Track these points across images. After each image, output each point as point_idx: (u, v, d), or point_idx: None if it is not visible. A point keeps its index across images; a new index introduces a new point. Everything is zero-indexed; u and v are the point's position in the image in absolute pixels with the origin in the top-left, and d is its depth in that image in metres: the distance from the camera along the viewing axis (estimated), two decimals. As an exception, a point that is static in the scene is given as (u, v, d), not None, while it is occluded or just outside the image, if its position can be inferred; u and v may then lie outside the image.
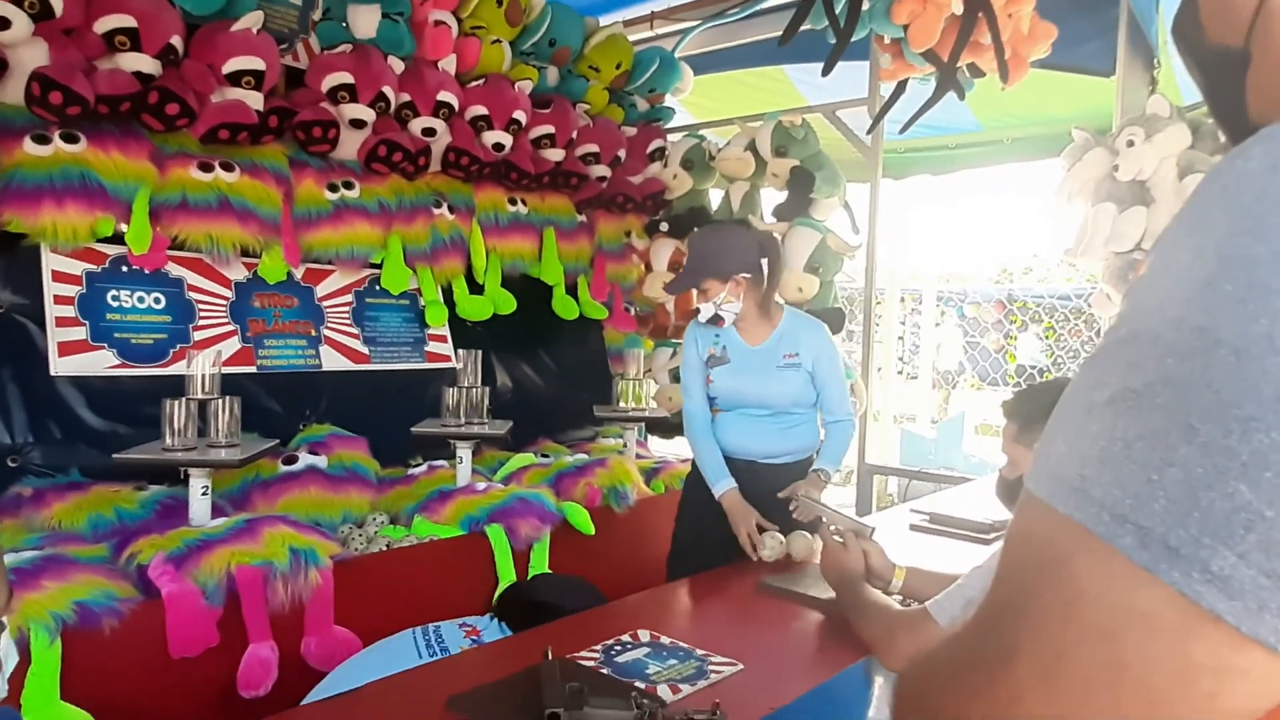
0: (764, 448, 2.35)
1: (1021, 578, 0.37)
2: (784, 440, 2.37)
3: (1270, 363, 0.31)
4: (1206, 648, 0.32)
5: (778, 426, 2.36)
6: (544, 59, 3.71)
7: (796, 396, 2.34)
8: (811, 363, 2.34)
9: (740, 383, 2.36)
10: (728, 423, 2.40)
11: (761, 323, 2.37)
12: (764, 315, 2.38)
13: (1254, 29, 0.44)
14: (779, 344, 2.35)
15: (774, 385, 2.33)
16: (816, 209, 3.69)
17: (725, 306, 2.31)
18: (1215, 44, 0.47)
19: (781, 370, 2.33)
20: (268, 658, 2.08)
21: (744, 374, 2.35)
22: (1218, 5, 0.47)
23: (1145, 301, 0.36)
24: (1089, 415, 0.36)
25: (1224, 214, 0.35)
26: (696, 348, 2.43)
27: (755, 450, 2.36)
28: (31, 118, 2.42)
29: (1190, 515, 0.32)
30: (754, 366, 2.35)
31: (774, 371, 2.33)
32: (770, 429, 2.36)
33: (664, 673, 1.46)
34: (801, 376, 2.34)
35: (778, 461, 2.36)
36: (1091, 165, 2.88)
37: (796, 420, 2.38)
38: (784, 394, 2.34)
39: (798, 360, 2.33)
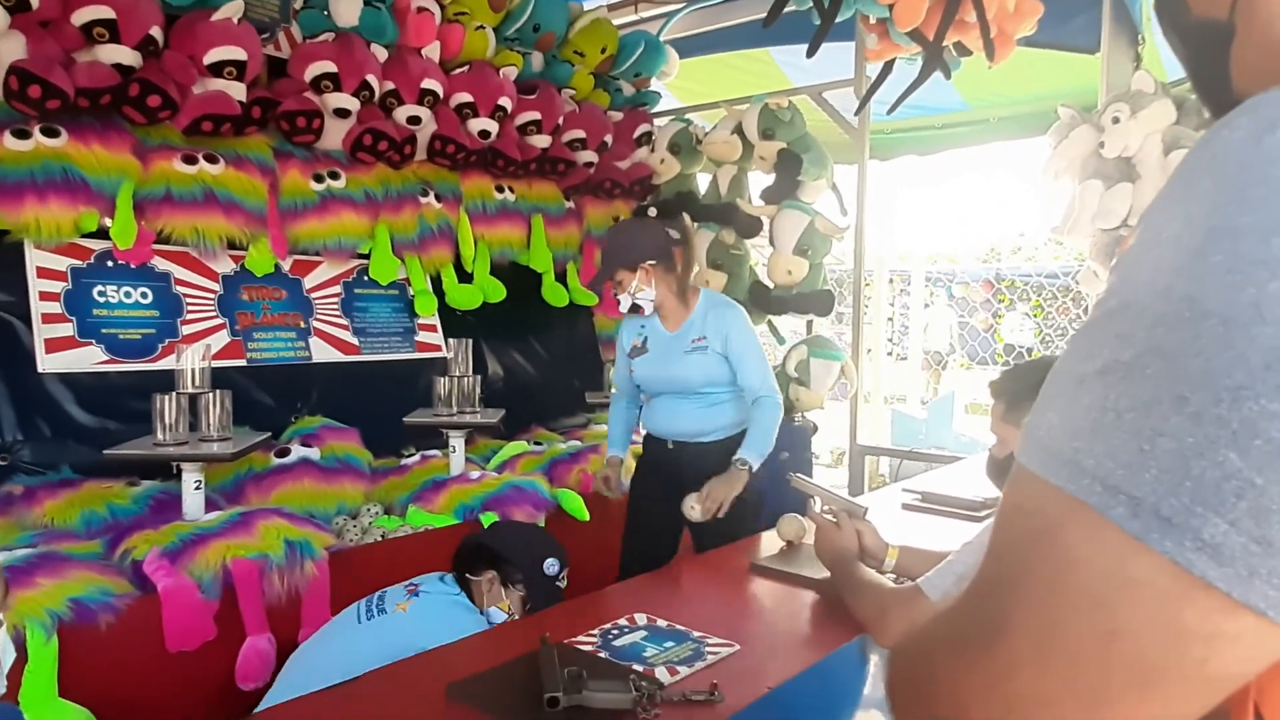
0: (688, 428, 2.45)
1: (1014, 550, 0.38)
2: (706, 420, 2.45)
3: (1257, 331, 0.31)
4: (1198, 614, 0.32)
5: (697, 406, 2.45)
6: (528, 45, 3.68)
7: (708, 377, 2.42)
8: (722, 344, 2.40)
9: (655, 370, 2.48)
10: (655, 407, 2.53)
11: (679, 309, 2.46)
12: (681, 301, 2.46)
13: (1238, 2, 0.44)
14: (690, 329, 2.45)
15: (682, 369, 2.42)
16: (804, 191, 3.69)
17: (639, 295, 2.41)
18: (1199, 17, 0.47)
19: (689, 354, 2.42)
20: (265, 649, 2.08)
21: (658, 361, 2.47)
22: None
23: (1134, 273, 0.37)
24: (1080, 387, 0.36)
25: (1210, 185, 0.35)
26: (627, 341, 2.57)
27: (681, 430, 2.47)
28: (11, 112, 2.39)
29: (1182, 484, 0.32)
30: (667, 353, 2.46)
31: (682, 356, 2.42)
32: (691, 409, 2.45)
33: (661, 655, 1.47)
34: (710, 358, 2.41)
35: (705, 440, 2.44)
36: (1077, 143, 2.89)
37: (715, 400, 2.45)
38: (693, 376, 2.42)
39: (705, 344, 2.41)
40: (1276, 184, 0.33)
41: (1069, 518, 0.35)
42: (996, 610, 0.37)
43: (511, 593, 1.93)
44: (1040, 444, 0.37)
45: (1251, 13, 0.44)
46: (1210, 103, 0.48)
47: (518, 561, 1.94)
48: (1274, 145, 0.33)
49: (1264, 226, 0.32)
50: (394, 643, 1.66)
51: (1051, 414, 0.37)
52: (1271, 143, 0.33)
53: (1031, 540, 0.37)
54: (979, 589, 0.39)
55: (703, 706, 1.29)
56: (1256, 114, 0.35)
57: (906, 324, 9.07)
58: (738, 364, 2.41)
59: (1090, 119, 2.91)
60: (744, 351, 2.41)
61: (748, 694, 1.33)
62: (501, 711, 1.26)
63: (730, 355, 2.41)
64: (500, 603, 1.91)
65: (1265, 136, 0.34)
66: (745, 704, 1.31)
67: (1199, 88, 0.49)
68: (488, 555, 1.95)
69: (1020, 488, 0.38)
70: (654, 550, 2.50)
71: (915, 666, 0.43)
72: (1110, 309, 0.37)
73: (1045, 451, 0.36)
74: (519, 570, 1.94)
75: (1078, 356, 0.37)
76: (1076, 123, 2.92)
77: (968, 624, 0.39)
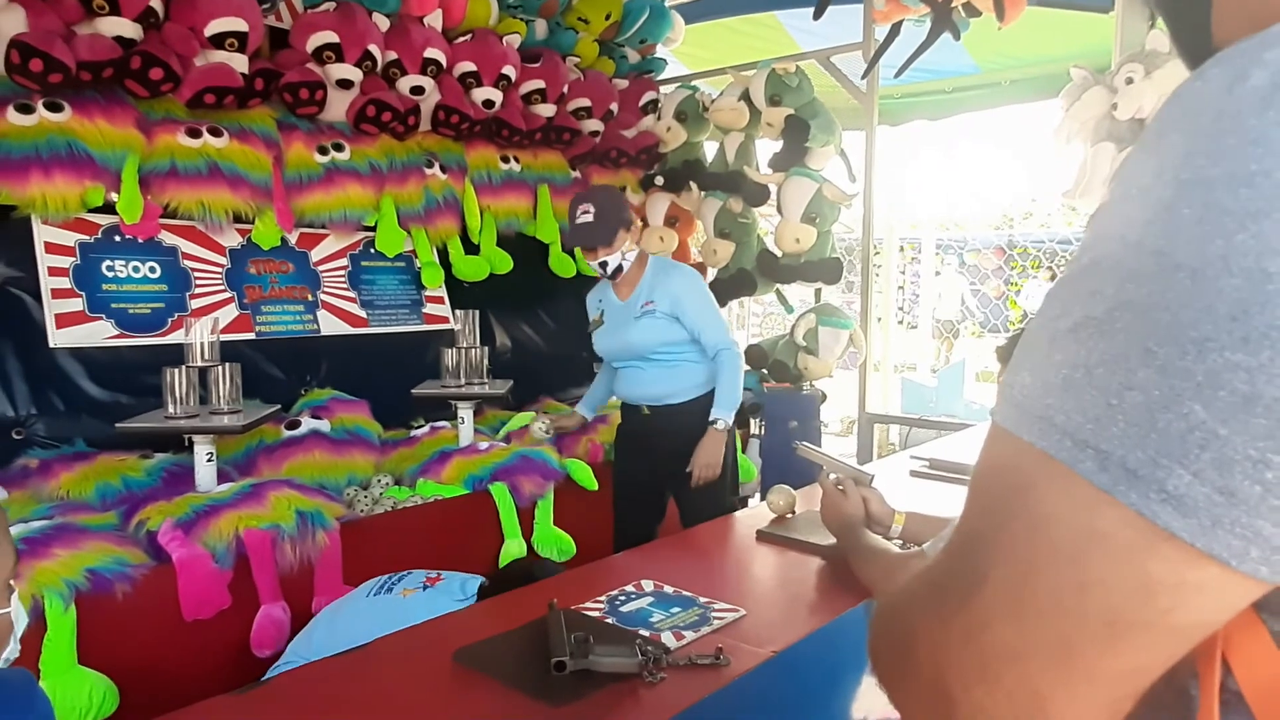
0: (652, 391, 2.50)
1: (989, 506, 0.38)
2: (668, 383, 2.49)
3: (1225, 283, 0.31)
4: (1163, 565, 0.33)
5: (657, 370, 2.50)
6: (531, 11, 3.64)
7: (660, 339, 2.46)
8: (670, 305, 2.43)
9: (611, 340, 2.55)
10: (622, 376, 2.61)
11: (633, 276, 2.51)
12: (638, 268, 2.51)
13: None
14: (640, 295, 2.49)
15: (634, 334, 2.47)
16: (812, 158, 3.65)
17: (628, 255, 2.46)
18: None
19: (639, 320, 2.46)
20: (280, 617, 2.12)
21: (613, 331, 2.53)
22: None
23: (1106, 228, 0.36)
24: (1052, 344, 0.36)
25: (1181, 137, 0.35)
26: (590, 314, 2.66)
27: (646, 395, 2.52)
28: (13, 86, 2.38)
29: (1148, 437, 0.32)
30: (620, 320, 2.51)
31: (632, 322, 2.47)
32: (652, 374, 2.50)
33: (668, 620, 1.48)
34: (660, 321, 2.45)
35: (672, 402, 2.49)
36: (1090, 104, 2.83)
37: (673, 362, 2.49)
38: (645, 340, 2.46)
39: (653, 307, 2.44)
40: (1247, 135, 0.32)
41: (1041, 473, 0.35)
42: (972, 565, 0.38)
43: None
44: (1014, 402, 0.37)
45: None
46: (1189, 55, 0.47)
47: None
48: (1245, 95, 0.33)
49: (1234, 177, 0.32)
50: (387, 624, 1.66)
51: (1025, 372, 0.37)
52: (1242, 92, 0.33)
53: (1005, 496, 0.37)
54: (955, 545, 0.40)
55: (708, 670, 1.30)
56: (1227, 65, 0.34)
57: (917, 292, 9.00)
58: (691, 323, 2.44)
59: (1103, 80, 2.85)
60: (695, 310, 2.44)
61: (753, 658, 1.34)
62: (509, 676, 1.27)
63: (682, 316, 2.44)
64: None
65: (1236, 86, 0.33)
66: (751, 667, 1.32)
67: (1178, 42, 0.48)
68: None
69: (995, 445, 0.38)
70: (643, 516, 2.58)
71: (894, 623, 0.43)
72: (1083, 265, 0.37)
73: (1018, 409, 0.37)
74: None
75: (1052, 314, 0.37)
76: (1089, 84, 2.86)
77: (945, 579, 0.40)
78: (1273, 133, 0.32)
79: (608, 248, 2.42)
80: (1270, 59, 0.33)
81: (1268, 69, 0.33)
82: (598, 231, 2.41)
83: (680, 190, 3.98)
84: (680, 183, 3.98)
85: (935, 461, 2.54)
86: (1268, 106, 0.32)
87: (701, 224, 4.00)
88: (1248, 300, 0.31)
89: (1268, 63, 0.33)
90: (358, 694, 1.27)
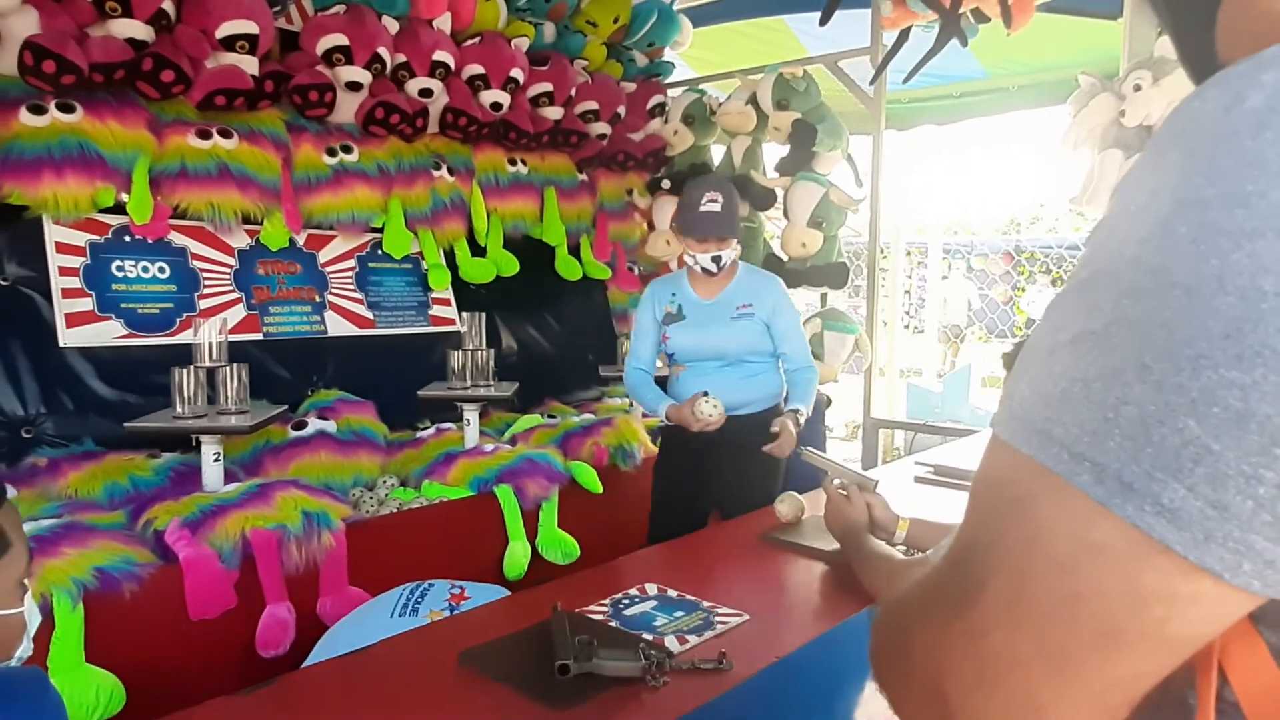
0: (728, 399, 2.35)
1: (987, 516, 0.39)
2: (745, 390, 2.41)
3: (1220, 302, 0.32)
4: (1158, 577, 0.33)
5: (737, 376, 2.41)
6: (540, 15, 3.65)
7: (752, 345, 2.40)
8: (769, 314, 2.39)
9: (696, 336, 2.43)
10: (690, 379, 2.44)
11: (722, 277, 2.44)
12: (730, 270, 2.46)
13: None
14: (734, 296, 2.42)
15: (729, 335, 2.39)
16: (819, 162, 3.65)
17: (725, 254, 2.38)
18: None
19: (736, 320, 2.39)
20: (285, 618, 2.13)
21: (699, 327, 2.42)
22: None
23: (1105, 243, 0.37)
24: (1051, 357, 0.37)
25: (1179, 156, 0.35)
26: (653, 310, 2.51)
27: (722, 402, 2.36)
28: (26, 88, 2.40)
29: (1143, 451, 0.33)
30: (709, 318, 2.42)
31: (728, 322, 2.39)
32: (730, 380, 2.40)
33: (671, 624, 1.48)
34: (757, 326, 2.39)
35: (743, 413, 2.39)
36: (1098, 111, 2.83)
37: (755, 370, 2.43)
38: (740, 343, 2.40)
39: (752, 310, 2.39)
40: (1243, 155, 0.33)
41: (1038, 485, 0.36)
42: (971, 574, 0.38)
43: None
44: (1013, 413, 0.38)
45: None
46: (1193, 70, 0.48)
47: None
48: (1241, 117, 0.33)
49: (1230, 197, 0.32)
50: None
51: (1024, 384, 0.38)
52: (1239, 114, 0.33)
53: (1004, 507, 0.38)
54: (955, 554, 0.41)
55: (711, 675, 1.30)
56: (1226, 85, 0.35)
57: (923, 296, 8.99)
58: (783, 335, 2.40)
59: (1111, 87, 2.85)
60: (788, 321, 2.41)
61: (756, 663, 1.35)
62: (513, 679, 1.28)
63: (774, 325, 2.39)
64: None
65: (1233, 108, 0.34)
66: (754, 673, 1.32)
67: (1181, 54, 0.49)
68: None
69: (994, 456, 0.39)
70: (681, 529, 2.36)
71: (894, 630, 0.44)
72: (1082, 280, 0.37)
73: (1017, 420, 0.37)
74: None
75: (1051, 327, 0.38)
76: (1097, 91, 2.86)
77: (944, 588, 0.40)
78: (1268, 154, 0.32)
79: (722, 243, 2.34)
80: (1267, 81, 0.33)
81: (1264, 91, 0.33)
82: (727, 221, 2.33)
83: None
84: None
85: (940, 468, 2.53)
86: (1263, 128, 0.32)
87: (708, 228, 4.00)
88: (1242, 318, 0.31)
89: (1264, 85, 0.33)
90: (363, 695, 1.28)
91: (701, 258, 2.36)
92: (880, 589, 1.52)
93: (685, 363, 2.47)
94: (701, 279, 2.44)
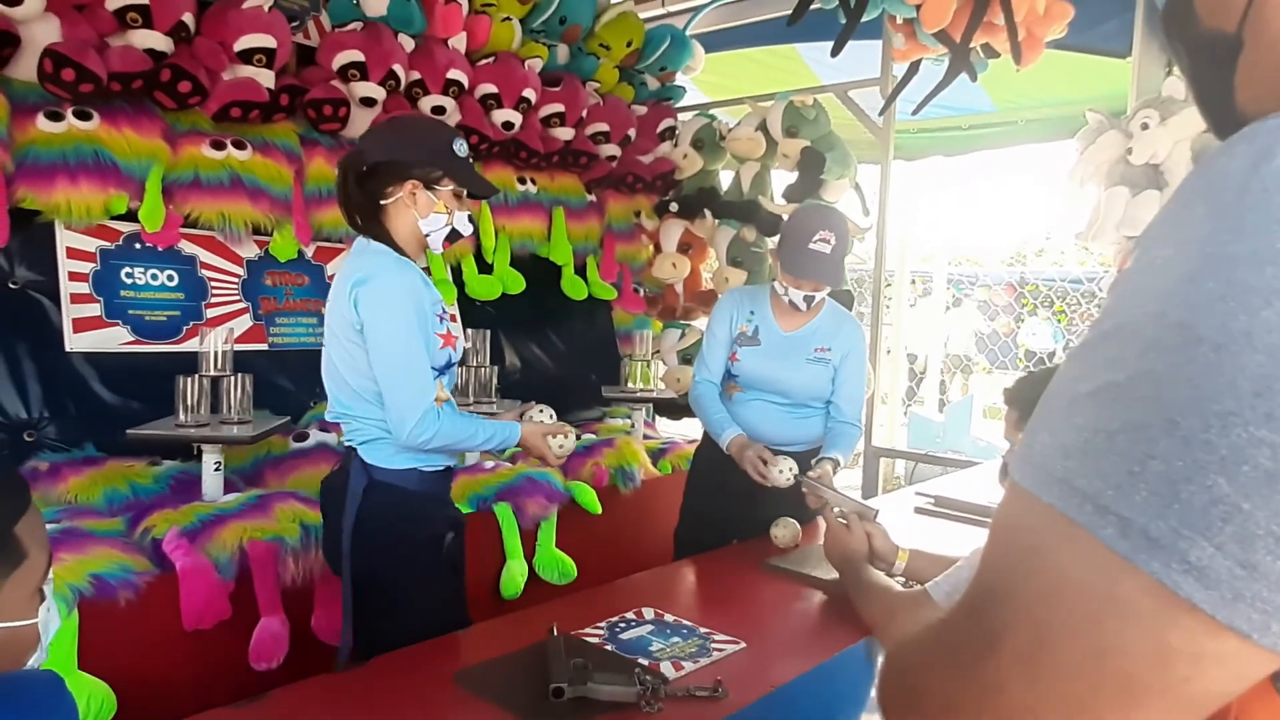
0: (776, 435, 2.29)
1: (1006, 565, 0.38)
2: (795, 430, 2.32)
3: (1248, 359, 0.32)
4: (1183, 635, 0.33)
5: (792, 416, 2.32)
6: (554, 37, 3.69)
7: (818, 391, 2.29)
8: (840, 358, 2.28)
9: (767, 368, 2.29)
10: (744, 405, 2.34)
11: (796, 308, 2.25)
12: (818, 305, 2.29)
13: (1248, 15, 0.44)
14: (813, 335, 2.28)
15: (800, 376, 2.27)
16: (827, 190, 3.67)
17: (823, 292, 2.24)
18: (1207, 29, 0.46)
19: (811, 363, 2.27)
20: (279, 631, 2.12)
21: (773, 359, 2.29)
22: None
23: (1129, 295, 0.37)
24: (1073, 407, 0.36)
25: (1206, 211, 0.35)
26: (730, 322, 2.34)
27: (766, 436, 2.29)
28: (45, 94, 2.43)
29: (1170, 507, 0.32)
30: (784, 353, 2.28)
31: (803, 363, 2.27)
32: (784, 417, 2.32)
33: (667, 650, 1.48)
34: (828, 372, 2.28)
35: (786, 450, 2.27)
36: (1105, 148, 2.85)
37: (810, 413, 2.33)
38: (808, 388, 2.28)
39: (828, 356, 2.26)
40: (1271, 212, 0.33)
41: (1060, 535, 0.35)
42: (988, 624, 0.38)
43: (440, 192, 1.78)
44: (1034, 462, 0.37)
45: (1261, 27, 0.43)
46: (1211, 116, 0.48)
47: (430, 156, 1.75)
48: (1270, 173, 0.33)
49: (1258, 254, 0.32)
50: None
51: (1045, 433, 0.38)
52: (1268, 171, 0.34)
53: (1023, 556, 0.37)
54: (972, 602, 0.40)
55: (706, 702, 1.30)
56: (1253, 142, 0.35)
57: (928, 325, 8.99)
58: (843, 382, 2.27)
59: (1119, 124, 2.87)
60: (854, 371, 2.29)
61: (752, 692, 1.34)
62: (508, 700, 1.27)
63: (840, 371, 2.27)
64: (435, 208, 1.78)
65: (1262, 165, 0.34)
66: (749, 701, 1.31)
67: (1200, 100, 0.49)
68: (387, 171, 1.75)
69: (1014, 504, 0.39)
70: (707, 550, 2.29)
71: (906, 675, 0.43)
72: (1105, 331, 0.37)
73: (1038, 469, 0.37)
74: (434, 164, 1.75)
75: (1072, 376, 0.37)
76: (1104, 128, 2.88)
77: (960, 636, 0.40)
78: None
79: (835, 286, 2.21)
80: None
81: None
82: (834, 266, 2.16)
83: (694, 217, 4.01)
84: (695, 210, 4.01)
85: (941, 499, 2.53)
86: None
87: (714, 251, 4.02)
88: (1272, 376, 0.31)
89: None
90: (358, 712, 1.27)
91: (794, 293, 2.20)
92: (878, 622, 1.52)
93: (746, 388, 2.34)
94: (786, 307, 2.27)
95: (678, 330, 4.09)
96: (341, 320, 1.70)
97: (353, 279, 1.69)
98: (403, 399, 1.66)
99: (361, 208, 1.78)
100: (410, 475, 1.77)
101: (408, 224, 1.79)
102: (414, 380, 1.67)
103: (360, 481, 1.75)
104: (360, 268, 1.71)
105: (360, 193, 1.77)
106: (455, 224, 1.85)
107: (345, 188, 1.77)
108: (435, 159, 1.77)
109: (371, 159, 1.76)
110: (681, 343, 4.07)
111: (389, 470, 1.75)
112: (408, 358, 1.67)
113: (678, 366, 4.01)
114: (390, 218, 1.78)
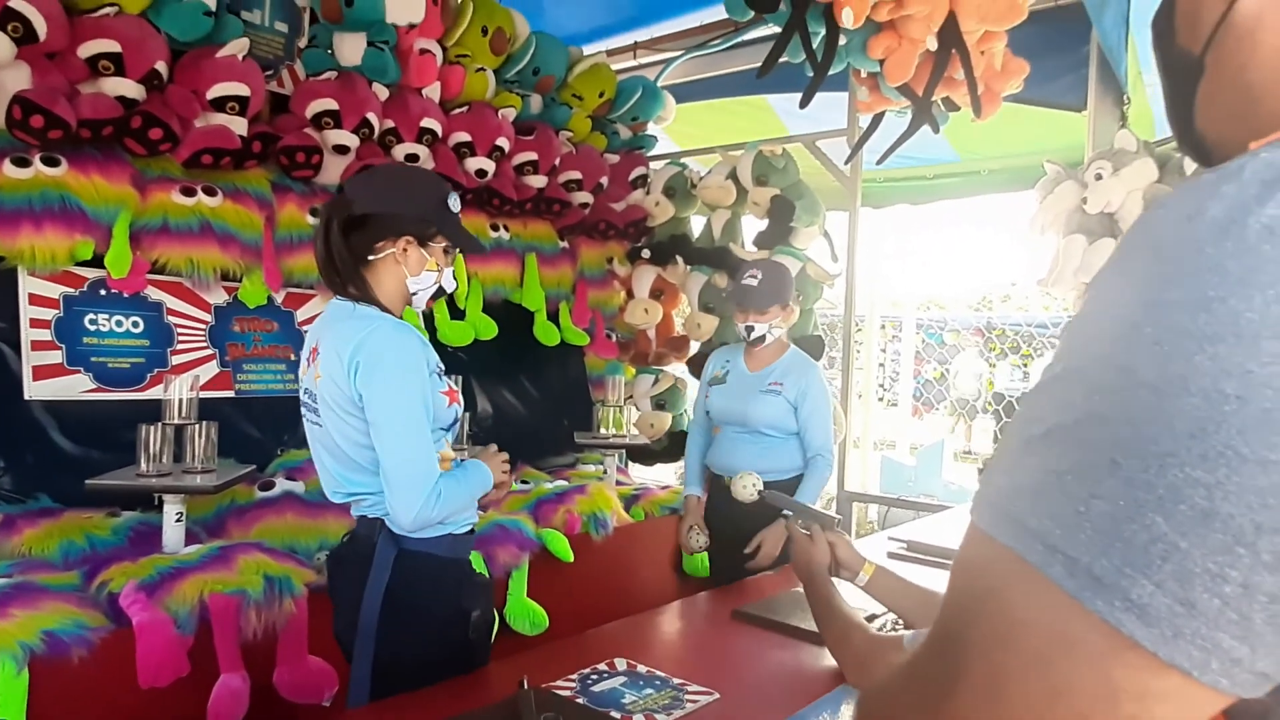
0: (742, 465, 2.58)
1: (964, 605, 0.39)
2: (761, 460, 2.60)
3: (1184, 402, 0.33)
4: (1128, 673, 0.33)
5: (757, 447, 2.64)
6: (528, 87, 3.75)
7: (773, 420, 2.61)
8: (796, 395, 2.60)
9: (728, 401, 2.69)
10: (719, 440, 2.75)
11: (769, 354, 2.69)
12: (777, 349, 2.70)
13: (1212, 41, 0.45)
14: (770, 373, 2.66)
15: (753, 406, 2.62)
16: (797, 237, 3.73)
17: (774, 329, 2.63)
18: (1179, 47, 0.48)
19: (763, 394, 2.62)
20: (239, 688, 2.05)
21: (734, 395, 2.69)
22: (1188, 8, 0.48)
23: (1077, 341, 0.38)
24: (1026, 448, 0.38)
25: (1145, 260, 0.37)
26: (710, 374, 2.81)
27: (735, 466, 2.60)
28: (12, 140, 2.41)
29: (1113, 546, 0.33)
30: (745, 389, 2.67)
31: (758, 394, 2.63)
32: (750, 449, 2.64)
33: (640, 702, 1.45)
34: (781, 404, 2.61)
35: (768, 480, 2.54)
36: (1062, 198, 2.94)
37: (773, 444, 2.63)
38: (761, 415, 2.61)
39: (780, 389, 2.61)
40: (1204, 262, 0.34)
41: (1013, 575, 0.36)
42: (948, 663, 0.39)
43: (433, 248, 1.71)
44: (989, 502, 0.39)
45: (1222, 55, 0.45)
46: (1175, 130, 0.50)
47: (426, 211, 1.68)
48: (1203, 226, 0.35)
49: (1193, 302, 0.34)
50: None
51: (1000, 474, 0.39)
52: (1201, 223, 0.35)
53: (979, 596, 0.38)
54: (933, 641, 0.41)
55: (680, 756, 1.27)
56: (1190, 195, 0.37)
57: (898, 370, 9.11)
58: (807, 419, 2.60)
59: (1075, 175, 2.97)
60: (814, 408, 2.60)
61: (726, 744, 1.32)
62: (475, 757, 1.24)
63: (801, 409, 2.60)
64: (428, 265, 1.70)
65: (1196, 217, 0.36)
66: (723, 755, 1.29)
67: (1170, 116, 0.51)
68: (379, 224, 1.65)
69: (971, 545, 0.40)
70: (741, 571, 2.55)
71: (875, 716, 0.44)
72: (1055, 374, 0.38)
73: (993, 510, 0.38)
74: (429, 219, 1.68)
75: (1026, 419, 0.39)
76: (1061, 178, 2.98)
77: (923, 676, 0.41)
78: (1228, 263, 0.34)
79: (760, 315, 2.59)
80: (1226, 193, 0.35)
81: (1224, 202, 0.35)
82: (757, 296, 2.58)
83: (667, 264, 4.05)
84: (667, 256, 4.05)
85: (913, 544, 2.53)
86: (1224, 238, 0.34)
87: (686, 297, 4.06)
88: (1205, 419, 0.32)
89: (1224, 196, 0.35)
90: (317, 773, 1.23)
91: (741, 327, 2.64)
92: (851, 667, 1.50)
93: (719, 423, 2.75)
94: (753, 352, 2.70)
95: (650, 376, 4.10)
96: (340, 395, 1.58)
97: (350, 350, 1.56)
98: (405, 484, 1.54)
99: (345, 261, 1.64)
100: (443, 541, 1.66)
101: (395, 281, 1.68)
102: (419, 463, 1.56)
103: (389, 552, 1.61)
104: (355, 336, 1.57)
105: (345, 245, 1.64)
106: (442, 281, 1.77)
107: (327, 238, 1.64)
108: (431, 214, 1.68)
109: (361, 209, 1.64)
110: (654, 388, 4.07)
111: (421, 539, 1.63)
112: (411, 438, 1.55)
113: (650, 412, 4.00)
114: (376, 273, 1.67)
